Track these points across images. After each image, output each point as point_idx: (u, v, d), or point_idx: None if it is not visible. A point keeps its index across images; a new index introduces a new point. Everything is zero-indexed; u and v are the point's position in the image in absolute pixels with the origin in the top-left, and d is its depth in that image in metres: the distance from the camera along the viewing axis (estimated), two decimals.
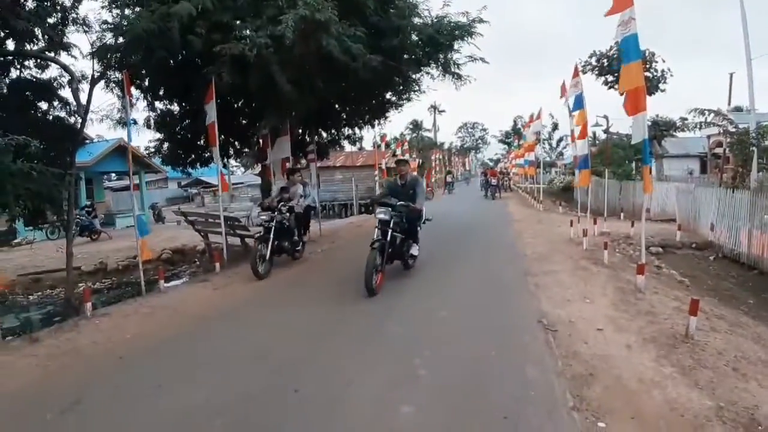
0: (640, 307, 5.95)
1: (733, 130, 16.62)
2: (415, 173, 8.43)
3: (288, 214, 9.07)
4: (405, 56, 10.97)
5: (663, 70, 21.07)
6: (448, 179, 38.44)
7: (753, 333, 5.68)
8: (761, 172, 16.96)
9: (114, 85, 11.11)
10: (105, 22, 10.02)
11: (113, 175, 33.06)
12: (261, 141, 11.99)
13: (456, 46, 11.32)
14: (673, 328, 5.15)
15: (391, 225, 7.27)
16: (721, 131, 18.17)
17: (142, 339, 5.56)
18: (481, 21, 10.96)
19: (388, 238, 7.23)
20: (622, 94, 6.93)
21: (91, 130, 14.78)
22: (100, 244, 16.72)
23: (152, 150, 13.34)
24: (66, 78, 10.94)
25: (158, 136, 12.60)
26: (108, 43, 9.97)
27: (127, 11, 10.10)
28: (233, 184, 35.93)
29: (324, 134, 15.16)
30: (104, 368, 4.66)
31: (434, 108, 74.46)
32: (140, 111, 12.72)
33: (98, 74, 11.02)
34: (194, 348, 5.21)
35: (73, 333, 5.77)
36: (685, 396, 3.73)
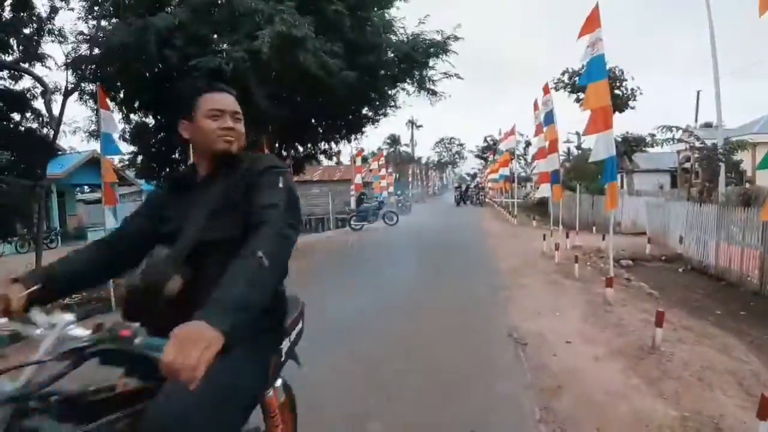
0: (608, 320, 6.06)
1: (701, 146, 17.10)
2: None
3: None
4: (381, 72, 11.10)
5: (632, 88, 21.48)
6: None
7: (719, 343, 5.78)
8: (729, 187, 17.49)
9: (88, 97, 11.00)
10: (81, 33, 9.96)
11: (86, 187, 32.42)
12: None
13: (431, 63, 11.49)
14: (640, 340, 5.25)
15: None
16: (688, 147, 18.68)
17: None
18: (455, 39, 11.15)
19: None
20: (586, 110, 7.13)
21: (64, 142, 14.53)
22: None
23: (126, 163, 13.21)
24: (39, 89, 10.79)
25: (132, 148, 12.49)
26: (83, 54, 9.91)
27: (103, 23, 10.06)
28: None
29: (300, 148, 15.16)
30: None
31: (412, 123, 75.16)
32: (116, 123, 12.58)
33: (72, 86, 10.91)
34: None
35: None
36: (650, 407, 3.80)
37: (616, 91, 19.84)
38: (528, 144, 50.08)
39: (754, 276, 9.15)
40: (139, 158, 12.52)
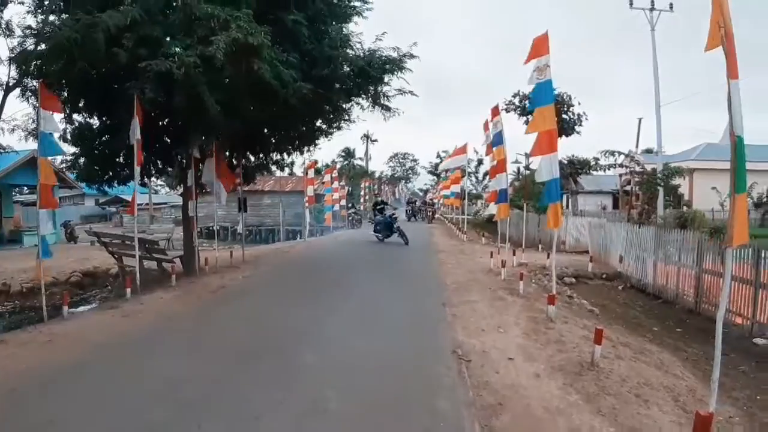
0: (550, 336, 6.21)
1: (641, 170, 17.94)
2: None
3: None
4: (336, 86, 11.06)
5: (579, 114, 22.29)
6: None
7: (656, 359, 6.02)
8: (667, 209, 18.39)
9: (30, 94, 10.52)
10: (28, 27, 9.53)
11: (25, 188, 30.96)
12: (185, 162, 11.67)
13: (386, 79, 11.55)
14: (580, 356, 5.40)
15: None
16: (629, 171, 19.58)
17: (38, 369, 5.15)
18: (411, 56, 11.25)
19: None
20: (527, 133, 7.40)
21: (1, 140, 13.76)
22: (5, 262, 15.39)
23: (68, 165, 12.63)
24: None
25: (74, 150, 11.95)
26: (28, 49, 9.47)
27: (52, 17, 9.66)
28: (155, 204, 34.74)
29: (252, 158, 14.91)
30: None
31: (367, 137, 75.27)
32: (57, 122, 12.02)
33: (14, 81, 10.41)
34: (94, 380, 4.88)
35: None
36: (588, 423, 3.89)
37: (564, 116, 20.55)
38: (480, 162, 51.33)
39: (689, 294, 9.63)
40: (81, 160, 11.99)
